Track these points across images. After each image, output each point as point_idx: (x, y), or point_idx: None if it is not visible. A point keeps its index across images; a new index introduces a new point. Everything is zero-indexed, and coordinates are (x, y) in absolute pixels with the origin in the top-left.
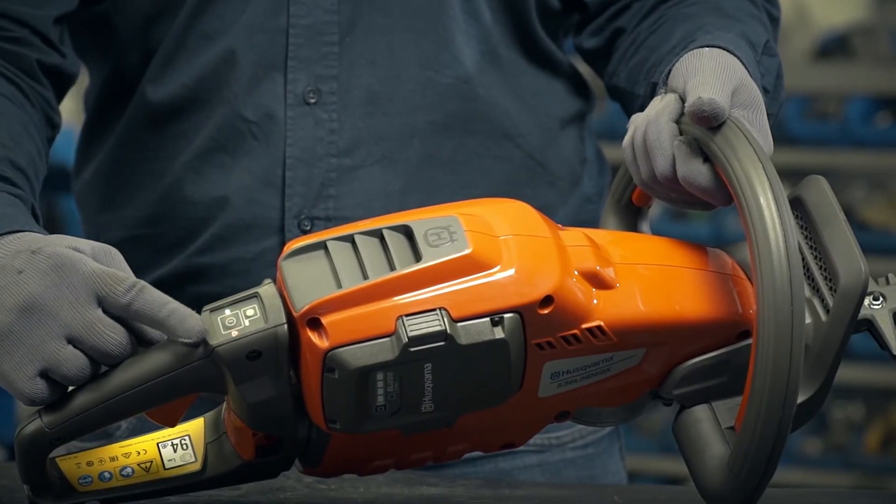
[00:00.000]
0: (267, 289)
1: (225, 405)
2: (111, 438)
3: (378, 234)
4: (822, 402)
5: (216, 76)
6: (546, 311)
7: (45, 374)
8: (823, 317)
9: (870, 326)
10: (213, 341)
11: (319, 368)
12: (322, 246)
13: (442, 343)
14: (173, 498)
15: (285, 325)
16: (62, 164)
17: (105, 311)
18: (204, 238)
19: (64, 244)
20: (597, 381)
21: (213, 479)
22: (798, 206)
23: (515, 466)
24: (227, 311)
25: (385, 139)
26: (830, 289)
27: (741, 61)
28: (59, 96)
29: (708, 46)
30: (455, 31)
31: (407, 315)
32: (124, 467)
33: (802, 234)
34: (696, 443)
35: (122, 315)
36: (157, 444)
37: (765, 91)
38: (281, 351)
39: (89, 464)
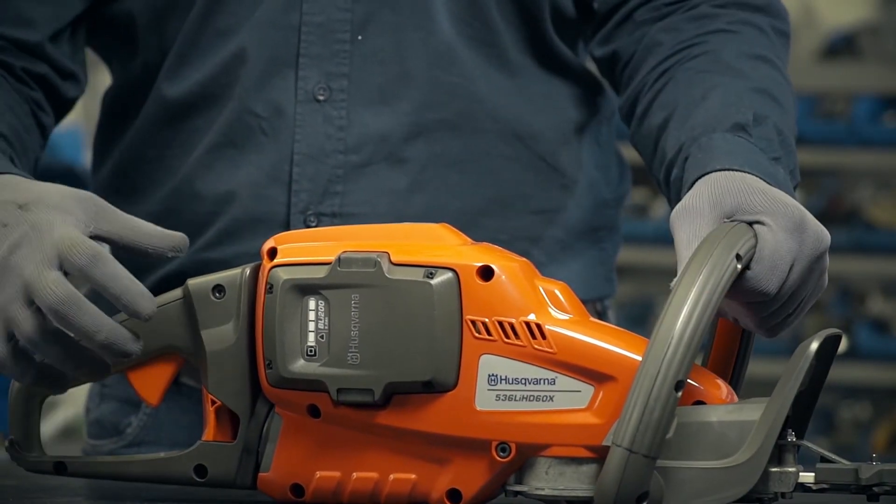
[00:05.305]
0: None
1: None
2: (121, 436)
3: None
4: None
5: (228, 72)
6: (485, 283)
7: (11, 337)
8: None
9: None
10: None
11: (264, 292)
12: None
13: (371, 270)
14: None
15: (248, 269)
16: (69, 165)
17: (66, 275)
18: (210, 233)
19: (52, 202)
20: (540, 411)
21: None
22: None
23: None
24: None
25: (393, 137)
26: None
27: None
28: (55, 107)
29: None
30: (464, 33)
31: (349, 251)
32: None
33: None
34: None
35: (81, 280)
36: None
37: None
38: (243, 287)
39: None
